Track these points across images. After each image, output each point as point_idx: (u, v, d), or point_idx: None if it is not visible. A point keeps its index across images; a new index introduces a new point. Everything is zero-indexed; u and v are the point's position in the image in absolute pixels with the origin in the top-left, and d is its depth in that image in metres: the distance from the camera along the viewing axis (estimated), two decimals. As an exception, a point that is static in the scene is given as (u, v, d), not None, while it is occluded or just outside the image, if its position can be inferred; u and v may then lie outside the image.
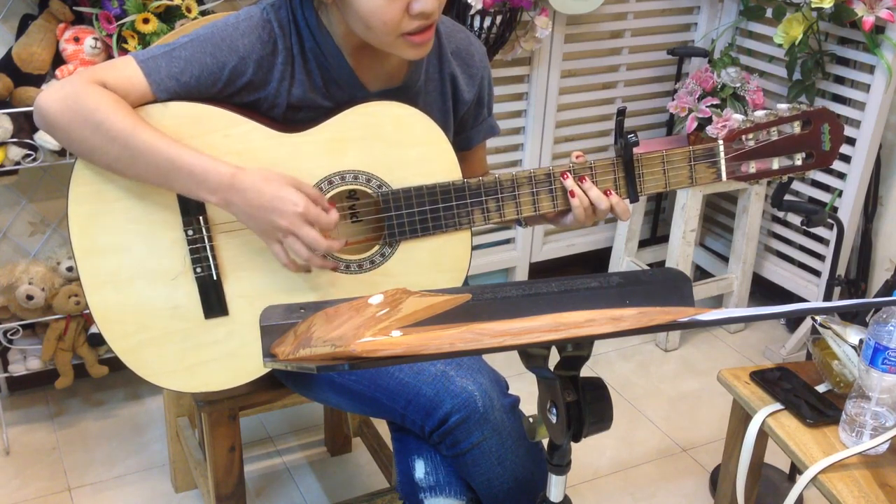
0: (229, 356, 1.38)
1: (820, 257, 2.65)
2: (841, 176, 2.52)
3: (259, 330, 0.99)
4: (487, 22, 2.21)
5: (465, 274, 1.43)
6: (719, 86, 2.50)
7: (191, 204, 1.32)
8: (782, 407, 1.51)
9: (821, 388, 1.55)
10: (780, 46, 2.44)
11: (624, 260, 2.80)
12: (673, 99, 2.59)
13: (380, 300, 0.97)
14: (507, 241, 2.76)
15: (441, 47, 1.45)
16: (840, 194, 2.52)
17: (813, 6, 2.27)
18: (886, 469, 1.38)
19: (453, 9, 2.16)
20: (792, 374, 1.58)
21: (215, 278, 1.35)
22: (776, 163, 1.45)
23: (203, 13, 1.91)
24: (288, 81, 1.35)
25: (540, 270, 2.84)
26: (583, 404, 0.97)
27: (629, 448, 2.25)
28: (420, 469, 1.35)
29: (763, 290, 2.87)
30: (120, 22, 1.82)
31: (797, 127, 1.44)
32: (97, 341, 2.12)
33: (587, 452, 2.20)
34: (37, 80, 1.89)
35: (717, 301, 2.79)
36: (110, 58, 1.86)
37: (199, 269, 1.35)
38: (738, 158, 1.43)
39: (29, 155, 1.88)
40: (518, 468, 1.33)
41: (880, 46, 2.32)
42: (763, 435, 1.53)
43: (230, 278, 1.36)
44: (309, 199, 1.25)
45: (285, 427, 2.27)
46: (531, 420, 1.04)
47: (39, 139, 1.86)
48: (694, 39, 2.83)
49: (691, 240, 2.59)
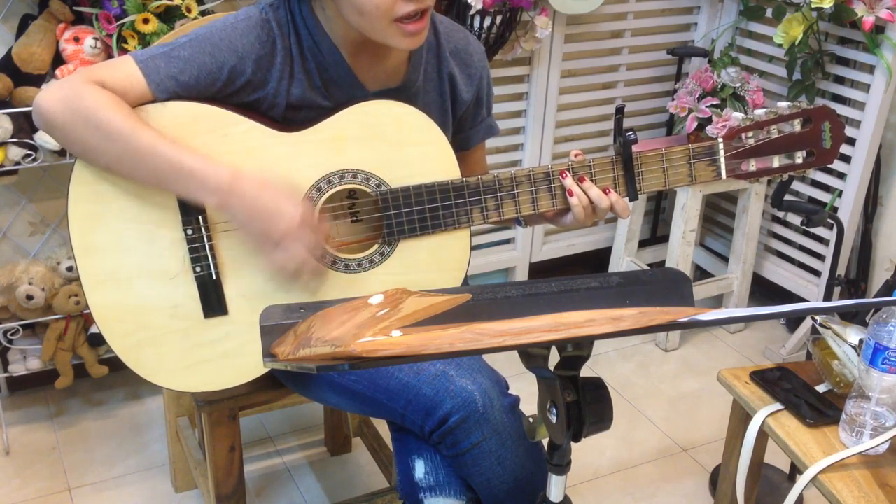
0: (229, 356, 1.38)
1: (820, 257, 2.65)
2: (841, 176, 2.52)
3: (259, 329, 0.98)
4: (487, 22, 2.21)
5: (465, 273, 1.43)
6: (719, 86, 2.50)
7: (190, 203, 1.32)
8: (782, 407, 1.51)
9: (821, 388, 1.55)
10: (780, 46, 2.44)
11: (624, 260, 2.80)
12: (673, 99, 2.59)
13: (380, 300, 0.97)
14: (507, 241, 2.76)
15: (440, 47, 1.45)
16: (840, 194, 2.52)
17: (813, 6, 2.27)
18: (886, 469, 1.38)
19: (453, 9, 2.16)
20: (792, 374, 1.58)
21: (215, 278, 1.35)
22: (776, 161, 1.44)
23: (203, 13, 1.91)
24: (287, 81, 1.35)
25: (540, 270, 2.83)
26: (583, 404, 0.97)
27: (629, 448, 2.25)
28: (420, 469, 1.35)
29: (763, 290, 2.87)
30: (120, 22, 1.82)
31: (797, 125, 1.43)
32: (97, 341, 2.12)
33: (587, 452, 2.20)
34: (37, 80, 1.89)
35: (717, 301, 2.79)
36: (110, 58, 1.86)
37: (199, 269, 1.35)
38: (738, 156, 1.42)
39: (29, 155, 1.88)
40: (518, 468, 1.33)
41: (880, 46, 2.32)
42: (763, 435, 1.53)
43: (230, 278, 1.36)
44: (304, 216, 1.27)
45: (285, 427, 2.27)
46: (531, 420, 1.04)
47: (39, 139, 1.86)
48: (694, 39, 2.83)
49: (691, 240, 2.59)
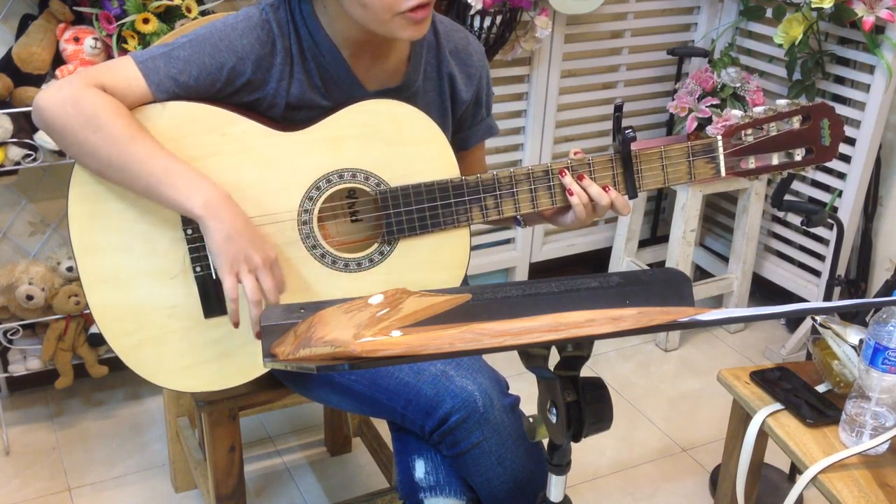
0: (229, 355, 1.38)
1: (820, 257, 2.64)
2: (841, 176, 2.52)
3: (259, 329, 0.99)
4: (487, 22, 2.21)
5: (465, 271, 1.43)
6: (719, 86, 2.50)
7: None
8: (782, 407, 1.51)
9: (821, 388, 1.55)
10: (780, 46, 2.44)
11: (624, 260, 2.80)
12: (673, 99, 2.59)
13: (380, 300, 0.97)
14: (507, 241, 2.76)
15: (439, 47, 1.45)
16: (840, 194, 2.52)
17: (813, 6, 2.27)
18: (886, 469, 1.38)
19: (453, 9, 2.16)
20: (792, 374, 1.58)
21: (215, 277, 1.35)
22: (776, 158, 1.44)
23: (203, 13, 1.91)
24: (286, 81, 1.35)
25: (540, 270, 2.83)
26: (583, 404, 0.97)
27: (629, 448, 2.25)
28: (420, 469, 1.35)
29: (763, 290, 2.87)
30: (120, 22, 1.82)
31: (796, 122, 1.43)
32: (97, 341, 2.12)
33: (587, 452, 2.20)
34: (37, 80, 1.89)
35: (717, 301, 2.79)
36: (110, 58, 1.86)
37: (199, 269, 1.35)
38: (737, 154, 1.42)
39: (29, 155, 1.88)
40: (518, 468, 1.33)
41: (880, 46, 2.32)
42: (763, 435, 1.53)
43: (230, 278, 1.36)
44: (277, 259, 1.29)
45: (285, 427, 2.27)
46: (531, 420, 1.04)
47: (39, 139, 1.86)
48: (694, 39, 2.83)
49: (691, 240, 2.59)
